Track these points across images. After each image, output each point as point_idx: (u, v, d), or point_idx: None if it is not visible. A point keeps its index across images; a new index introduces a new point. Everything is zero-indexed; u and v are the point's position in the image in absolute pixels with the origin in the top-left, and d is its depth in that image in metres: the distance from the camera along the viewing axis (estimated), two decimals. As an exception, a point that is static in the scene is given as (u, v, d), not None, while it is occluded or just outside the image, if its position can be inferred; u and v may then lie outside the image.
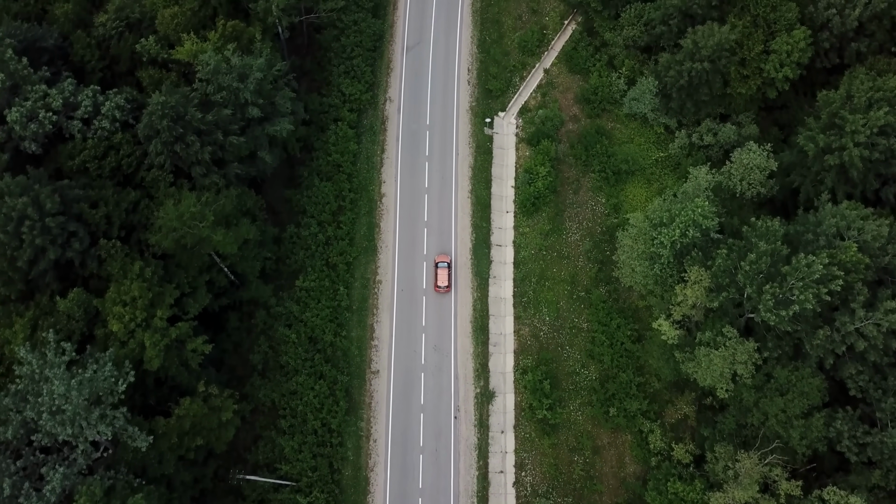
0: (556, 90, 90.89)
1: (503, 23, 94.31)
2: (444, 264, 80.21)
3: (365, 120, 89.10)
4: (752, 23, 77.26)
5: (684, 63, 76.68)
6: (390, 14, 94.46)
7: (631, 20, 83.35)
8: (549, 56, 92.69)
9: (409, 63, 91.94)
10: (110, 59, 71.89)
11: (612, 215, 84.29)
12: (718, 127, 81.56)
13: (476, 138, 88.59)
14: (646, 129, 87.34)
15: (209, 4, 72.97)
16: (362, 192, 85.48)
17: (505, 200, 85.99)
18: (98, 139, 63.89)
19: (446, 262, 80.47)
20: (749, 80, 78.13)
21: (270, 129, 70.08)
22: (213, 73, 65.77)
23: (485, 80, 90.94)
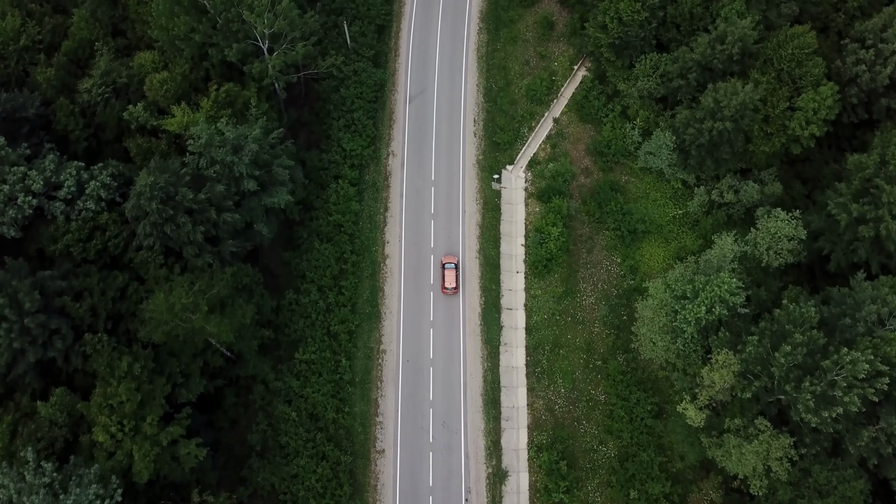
0: (567, 141, 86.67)
1: (510, 69, 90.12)
2: (452, 265, 78.15)
3: (367, 175, 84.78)
4: (777, 78, 73.15)
5: (705, 121, 72.50)
6: (392, 62, 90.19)
7: (646, 71, 79.11)
8: (559, 104, 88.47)
9: (413, 114, 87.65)
10: (96, 126, 67.52)
11: (628, 276, 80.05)
12: (739, 184, 77.40)
13: (483, 194, 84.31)
14: (662, 184, 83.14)
15: (201, 66, 68.64)
16: (365, 254, 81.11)
17: (515, 260, 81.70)
18: (82, 220, 59.45)
19: (454, 262, 78.42)
20: (773, 138, 74.01)
21: (268, 200, 65.75)
22: (205, 147, 61.40)
23: (492, 132, 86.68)
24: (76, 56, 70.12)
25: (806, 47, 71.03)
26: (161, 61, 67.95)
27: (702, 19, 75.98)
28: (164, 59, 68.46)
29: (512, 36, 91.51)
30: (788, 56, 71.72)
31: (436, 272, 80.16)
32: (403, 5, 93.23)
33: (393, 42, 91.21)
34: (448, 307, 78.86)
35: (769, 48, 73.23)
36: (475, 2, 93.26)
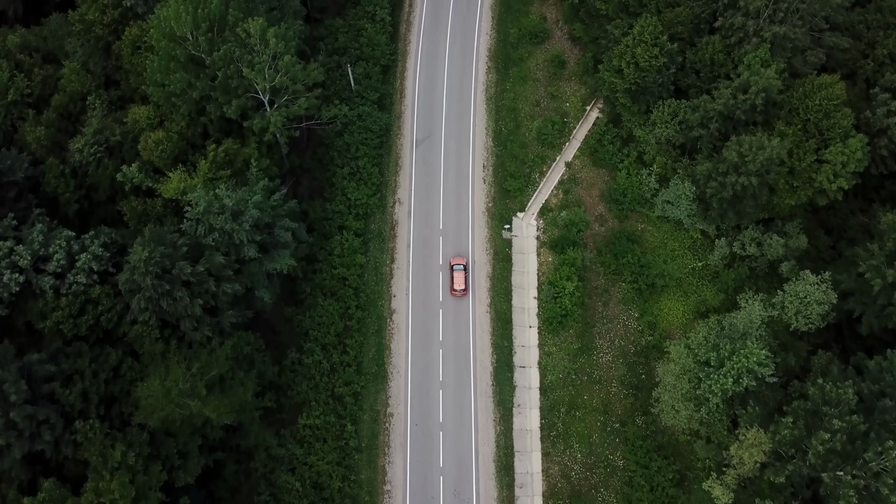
0: (580, 187, 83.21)
1: (520, 110, 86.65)
2: (461, 266, 76.64)
3: (372, 224, 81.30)
4: (803, 129, 69.68)
5: (728, 175, 69.02)
6: (397, 104, 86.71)
7: (664, 118, 75.63)
8: (571, 147, 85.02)
9: (420, 159, 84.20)
10: (88, 187, 64.06)
11: (646, 332, 76.58)
12: (762, 236, 73.97)
13: (494, 243, 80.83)
14: (680, 233, 79.67)
15: (198, 122, 65.14)
16: (370, 309, 77.59)
17: (527, 313, 78.19)
18: (73, 295, 55.92)
19: (462, 264, 76.87)
20: (799, 191, 70.54)
21: (270, 265, 62.28)
22: (203, 214, 57.91)
23: (502, 178, 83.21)
24: (67, 111, 66.65)
25: (834, 98, 67.62)
26: (156, 117, 64.50)
27: (723, 66, 72.58)
28: (160, 114, 65.00)
29: (522, 75, 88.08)
30: (816, 107, 68.27)
31: (444, 327, 76.71)
32: (409, 44, 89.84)
33: (398, 83, 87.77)
34: (458, 366, 75.37)
35: (795, 98, 69.82)
36: (483, 40, 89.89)
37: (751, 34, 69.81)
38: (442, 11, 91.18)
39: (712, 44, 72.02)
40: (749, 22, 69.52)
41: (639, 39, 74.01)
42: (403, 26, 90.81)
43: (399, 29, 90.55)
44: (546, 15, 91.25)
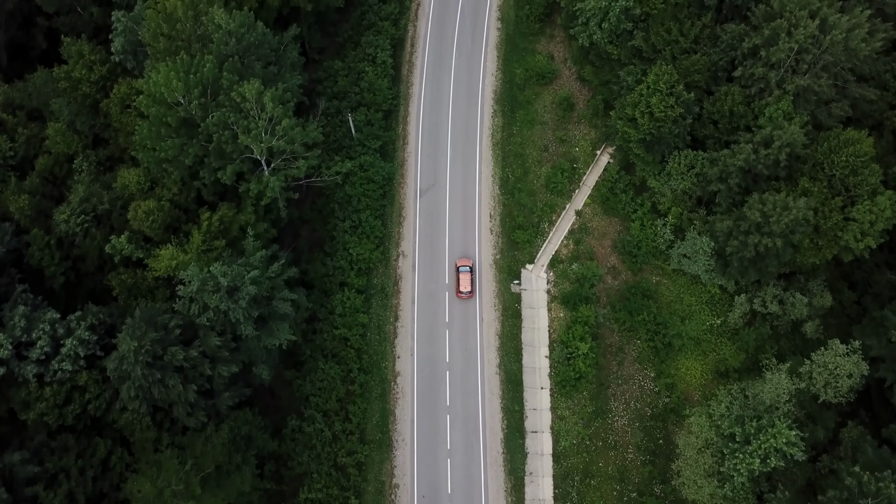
0: (591, 237, 79.71)
1: (527, 156, 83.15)
2: (466, 268, 75.50)
3: (375, 279, 77.73)
4: (828, 185, 66.26)
5: (750, 234, 65.59)
6: (400, 150, 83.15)
7: (680, 170, 72.15)
8: (581, 194, 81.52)
9: (424, 209, 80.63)
10: (74, 258, 60.40)
11: (663, 393, 73.10)
12: (784, 294, 70.51)
13: (502, 298, 77.27)
14: (697, 287, 76.17)
15: (191, 186, 61.55)
16: (373, 372, 74.00)
17: (538, 373, 74.64)
18: (58, 383, 52.28)
19: (468, 265, 75.75)
20: (823, 250, 67.13)
21: (268, 341, 58.64)
22: (196, 292, 54.30)
23: (509, 229, 79.66)
24: (52, 174, 63.08)
25: (862, 155, 64.23)
26: (146, 181, 60.90)
27: (743, 117, 69.13)
28: (150, 177, 61.40)
29: (529, 118, 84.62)
30: (842, 163, 64.87)
31: (452, 390, 73.17)
32: (411, 86, 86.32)
33: (401, 128, 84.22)
34: (467, 432, 71.78)
35: (819, 152, 66.39)
36: (488, 81, 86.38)
37: (772, 86, 66.41)
38: (445, 51, 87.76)
39: (732, 95, 68.60)
40: (771, 73, 66.12)
41: (654, 88, 70.54)
42: (405, 67, 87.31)
43: (401, 70, 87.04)
44: (553, 53, 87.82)
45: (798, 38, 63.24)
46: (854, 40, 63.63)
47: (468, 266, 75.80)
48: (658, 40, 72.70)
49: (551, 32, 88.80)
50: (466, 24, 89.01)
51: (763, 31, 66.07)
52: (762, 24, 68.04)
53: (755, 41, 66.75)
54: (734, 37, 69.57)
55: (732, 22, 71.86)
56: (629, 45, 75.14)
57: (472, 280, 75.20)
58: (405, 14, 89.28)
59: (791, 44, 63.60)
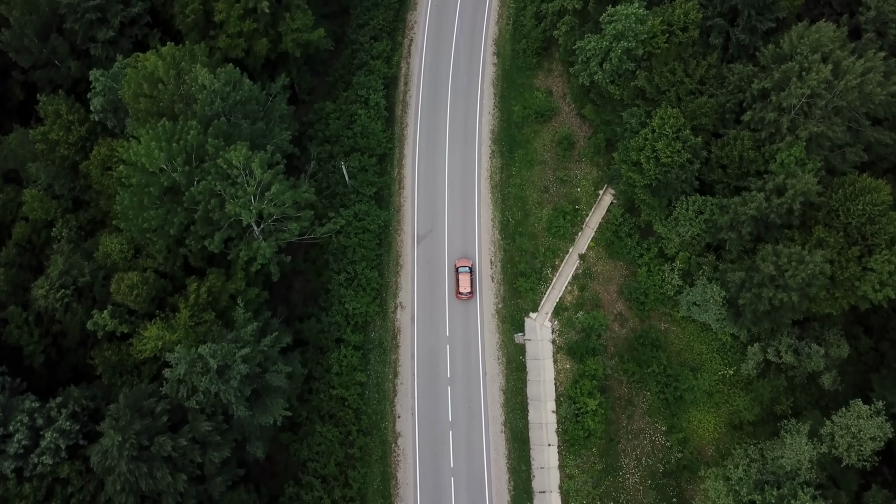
0: (596, 282, 76.77)
1: (527, 198, 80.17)
2: (466, 269, 74.48)
3: (373, 333, 74.62)
4: (844, 233, 63.48)
5: (763, 287, 62.78)
6: (396, 195, 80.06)
7: (688, 216, 69.27)
8: (584, 237, 78.59)
9: (422, 256, 77.58)
10: (55, 334, 57.14)
11: (675, 448, 70.20)
12: (800, 345, 67.72)
13: (506, 350, 74.27)
14: (707, 335, 73.29)
15: (177, 254, 58.35)
16: (373, 433, 70.87)
17: (545, 429, 71.66)
18: (38, 478, 49.03)
19: (468, 266, 74.80)
20: (840, 301, 64.38)
21: (262, 419, 55.45)
22: (185, 375, 51.11)
23: (511, 276, 76.67)
24: (30, 243, 59.84)
25: (880, 203, 61.50)
26: (129, 249, 57.69)
27: (753, 162, 66.30)
28: (134, 244, 58.18)
29: (528, 158, 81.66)
30: (859, 211, 62.11)
31: (455, 451, 70.12)
32: (406, 127, 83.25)
33: (396, 172, 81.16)
34: (472, 496, 68.73)
35: (834, 199, 63.63)
36: (485, 120, 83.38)
37: (784, 131, 63.60)
38: (440, 89, 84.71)
39: (741, 140, 65.76)
40: (782, 118, 63.31)
41: (659, 133, 67.71)
42: (399, 107, 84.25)
43: (394, 110, 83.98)
44: (552, 88, 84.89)
45: (811, 84, 60.46)
46: (869, 84, 60.91)
47: (468, 266, 74.38)
48: (662, 81, 69.86)
49: (549, 66, 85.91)
50: (461, 60, 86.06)
51: (773, 74, 63.32)
52: (771, 65, 65.33)
53: (765, 84, 64.00)
54: (742, 78, 66.80)
55: (739, 61, 69.08)
56: (632, 85, 72.26)
57: (471, 281, 73.71)
58: (397, 50, 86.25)
59: (803, 89, 60.81)
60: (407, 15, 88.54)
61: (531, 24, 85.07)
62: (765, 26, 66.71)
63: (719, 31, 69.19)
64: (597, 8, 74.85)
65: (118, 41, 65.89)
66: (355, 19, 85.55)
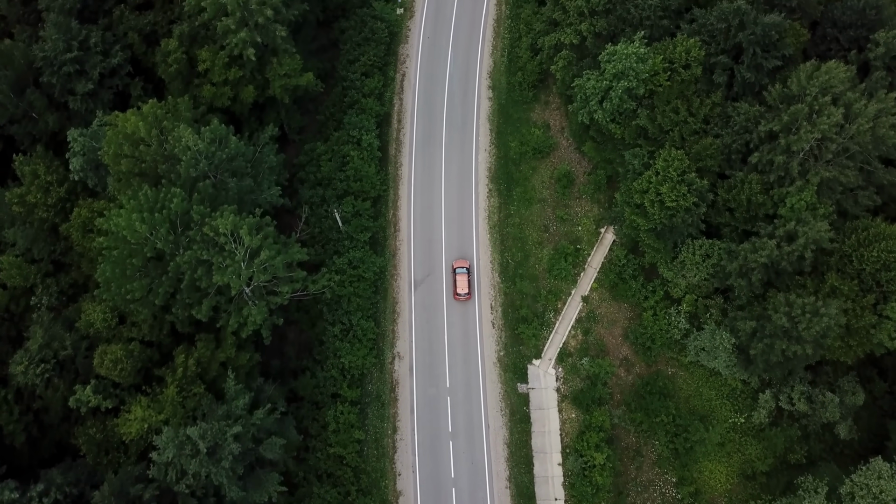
0: (600, 325, 74.27)
1: (527, 238, 77.60)
2: (464, 269, 73.24)
3: (370, 386, 71.96)
4: (858, 279, 61.11)
5: (776, 339, 60.37)
6: (391, 238, 77.40)
7: (695, 260, 66.81)
8: (587, 278, 76.08)
9: (420, 303, 74.95)
10: (36, 410, 54.28)
11: (686, 501, 67.72)
12: (813, 392, 65.36)
13: (509, 400, 71.71)
14: (717, 380, 70.81)
15: (163, 321, 55.58)
16: (373, 493, 68.19)
17: (552, 484, 69.14)
18: (19, 574, 46.26)
19: (465, 267, 73.53)
20: (855, 349, 62.05)
21: (256, 497, 52.72)
22: (174, 457, 48.34)
23: (513, 322, 74.10)
24: (8, 312, 56.98)
25: (895, 250, 59.17)
26: (113, 318, 54.85)
27: (762, 206, 63.89)
28: (117, 312, 55.37)
29: (527, 197, 79.08)
30: (873, 258, 59.78)
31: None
32: (400, 166, 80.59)
33: (391, 214, 78.48)
34: (478, 557, 66.26)
35: (847, 245, 61.32)
36: (482, 157, 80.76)
37: (794, 175, 61.20)
38: (435, 126, 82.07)
39: (749, 184, 63.31)
40: (792, 162, 60.90)
41: (664, 175, 65.29)
42: (393, 146, 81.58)
43: (388, 149, 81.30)
44: (549, 122, 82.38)
45: (822, 128, 58.08)
46: (882, 128, 58.62)
47: (465, 267, 72.95)
48: (665, 121, 67.42)
49: (546, 98, 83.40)
50: (456, 95, 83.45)
51: (781, 116, 60.93)
52: (779, 105, 62.94)
53: (773, 126, 61.62)
54: (748, 119, 64.39)
55: (744, 99, 66.67)
56: (633, 124, 69.86)
57: (469, 282, 72.48)
58: (390, 86, 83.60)
59: (814, 133, 58.44)
60: (399, 48, 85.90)
61: (527, 56, 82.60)
62: (771, 64, 64.42)
63: (723, 69, 66.81)
64: (595, 43, 72.53)
65: (98, 92, 63.11)
66: (345, 55, 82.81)
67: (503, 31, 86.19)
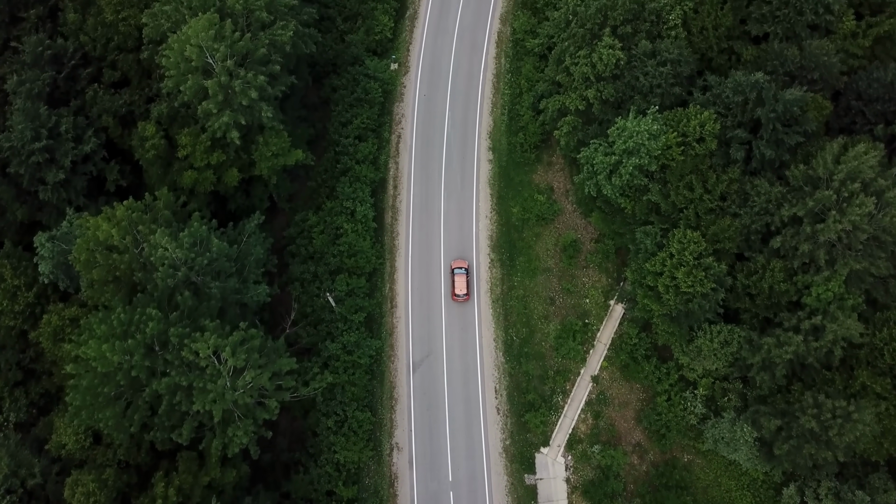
0: (611, 407, 70.02)
1: (532, 312, 73.25)
2: (462, 270, 71.26)
3: (367, 480, 67.55)
4: (890, 377, 56.94)
5: (804, 441, 56.15)
6: (388, 315, 72.89)
7: (712, 347, 62.51)
8: (596, 355, 71.82)
9: (419, 387, 70.54)
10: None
11: None
12: (842, 489, 61.06)
13: (516, 493, 67.40)
14: (736, 469, 66.69)
15: (142, 441, 51.06)
16: None
17: (562, 585, 64.84)
18: None
19: (464, 267, 71.76)
20: (887, 449, 57.83)
21: None
22: None
23: (518, 407, 69.74)
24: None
25: (931, 347, 55.08)
26: (87, 438, 50.36)
27: (785, 293, 59.66)
28: (91, 432, 50.87)
29: (530, 267, 74.71)
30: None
31: None
32: (397, 236, 76.14)
33: (387, 289, 74.03)
34: None
35: (878, 338, 57.15)
36: (482, 225, 76.32)
37: (821, 265, 56.92)
38: (433, 191, 77.62)
39: (772, 272, 59.07)
40: (819, 251, 56.61)
41: (678, 259, 61.03)
42: (389, 214, 77.14)
43: (384, 218, 76.85)
44: (553, 184, 78.04)
45: (852, 219, 53.84)
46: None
47: (464, 267, 70.97)
48: (679, 199, 63.19)
49: (549, 159, 79.06)
50: (454, 158, 79.05)
51: (806, 202, 56.65)
52: (803, 186, 58.68)
53: (797, 211, 57.35)
54: (769, 199, 60.15)
55: (763, 175, 62.48)
56: (644, 199, 65.65)
57: (467, 282, 70.69)
58: (385, 148, 79.13)
59: (843, 224, 54.19)
60: (393, 106, 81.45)
61: (528, 116, 78.22)
62: (793, 140, 60.24)
63: (740, 143, 62.61)
64: (602, 109, 68.34)
65: (71, 180, 58.60)
66: (337, 116, 78.33)
67: (503, 87, 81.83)
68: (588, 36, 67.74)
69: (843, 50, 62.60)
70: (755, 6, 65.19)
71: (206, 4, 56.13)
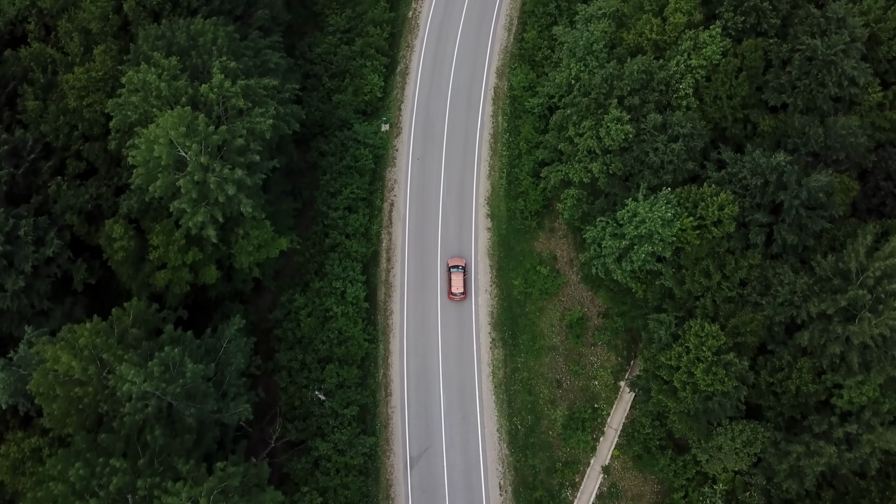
0: (623, 501, 65.27)
1: (537, 396, 68.41)
2: (459, 269, 69.66)
3: (363, 590, 62.58)
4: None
5: (840, 561, 51.49)
6: (382, 406, 67.85)
7: (734, 447, 57.73)
8: (607, 442, 67.07)
9: (417, 486, 65.53)
10: None
11: None
12: None
13: None
14: (761, 570, 61.88)
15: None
16: None
17: None
18: None
19: (461, 265, 69.85)
20: (931, 563, 53.17)
21: None
22: None
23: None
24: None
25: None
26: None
27: (814, 394, 54.97)
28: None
29: (534, 346, 69.84)
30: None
31: None
32: (390, 316, 71.08)
33: (381, 375, 69.06)
34: None
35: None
36: (482, 301, 71.37)
37: (855, 369, 52.16)
38: (429, 266, 72.56)
39: (800, 373, 54.33)
40: (852, 354, 51.87)
41: (696, 355, 56.30)
42: (382, 290, 72.15)
43: (377, 295, 71.87)
44: (556, 252, 73.20)
45: (890, 323, 49.13)
46: (959, 319, 49.75)
47: (461, 266, 69.44)
48: (695, 287, 58.44)
49: (551, 225, 74.19)
50: (450, 227, 74.12)
51: (837, 300, 51.86)
52: (832, 278, 53.92)
53: (826, 309, 52.61)
54: (793, 290, 55.40)
55: (785, 260, 57.77)
56: (657, 283, 60.92)
57: (464, 281, 69.12)
58: (377, 218, 74.14)
59: (880, 328, 49.49)
60: (385, 172, 76.49)
61: (528, 182, 73.36)
62: (818, 226, 55.56)
63: (760, 226, 57.92)
64: (609, 182, 63.67)
65: (33, 284, 53.52)
66: (325, 186, 73.40)
67: (500, 148, 76.98)
68: (593, 106, 63.08)
69: (870, 123, 57.91)
70: (772, 74, 60.51)
71: (176, 94, 51.19)
